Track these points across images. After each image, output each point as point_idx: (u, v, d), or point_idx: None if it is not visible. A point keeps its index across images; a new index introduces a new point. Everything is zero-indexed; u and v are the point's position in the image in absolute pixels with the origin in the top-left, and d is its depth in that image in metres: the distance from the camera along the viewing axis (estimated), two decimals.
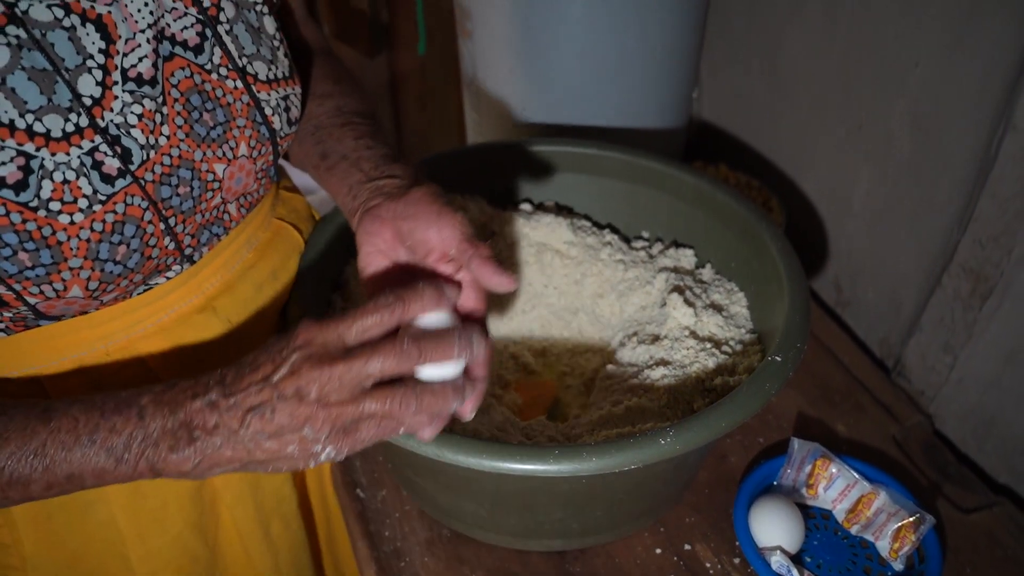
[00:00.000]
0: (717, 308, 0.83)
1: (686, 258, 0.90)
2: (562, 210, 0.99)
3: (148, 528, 0.70)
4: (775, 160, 1.20)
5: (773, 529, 0.75)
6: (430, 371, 0.52)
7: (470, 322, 0.58)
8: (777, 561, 0.73)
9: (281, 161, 0.81)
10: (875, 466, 0.83)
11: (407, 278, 0.59)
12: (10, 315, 0.55)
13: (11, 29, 0.48)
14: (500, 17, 1.05)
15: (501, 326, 0.94)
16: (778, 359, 0.66)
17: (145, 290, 0.63)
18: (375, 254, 0.62)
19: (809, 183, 1.14)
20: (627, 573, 0.76)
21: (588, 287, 0.93)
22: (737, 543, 0.78)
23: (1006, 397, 0.86)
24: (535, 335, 0.95)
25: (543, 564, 0.77)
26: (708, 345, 0.78)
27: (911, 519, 0.75)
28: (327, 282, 0.84)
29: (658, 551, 0.78)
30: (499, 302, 0.93)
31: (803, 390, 0.96)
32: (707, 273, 0.89)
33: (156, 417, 0.49)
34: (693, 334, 0.80)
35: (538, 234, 0.93)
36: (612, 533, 0.78)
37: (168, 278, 0.64)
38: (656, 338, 0.81)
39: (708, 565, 0.77)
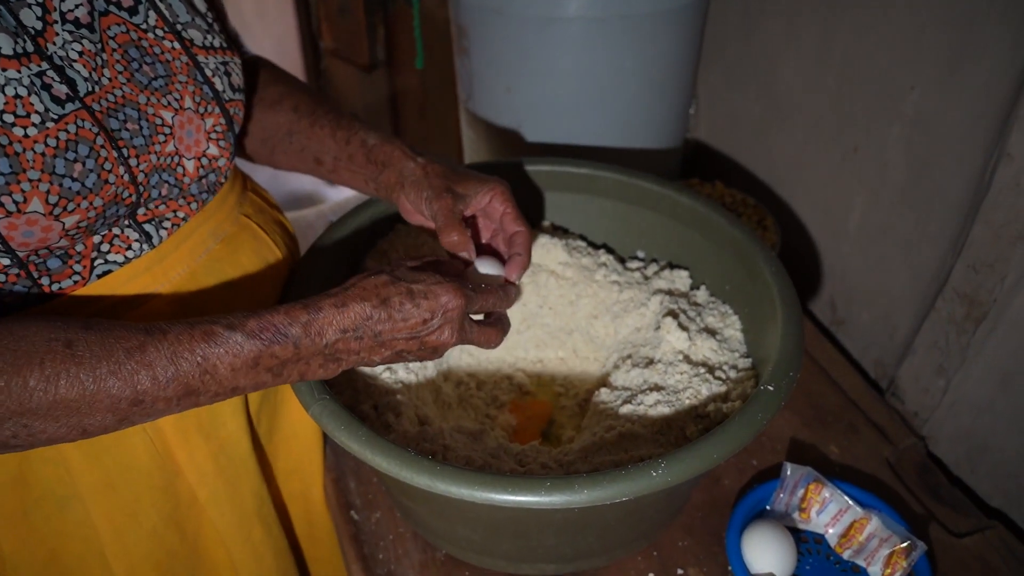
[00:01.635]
0: (711, 332, 0.83)
1: (681, 280, 0.91)
2: (557, 230, 0.99)
3: (123, 523, 0.71)
4: (770, 179, 1.20)
5: (765, 555, 0.76)
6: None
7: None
8: None
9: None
10: (868, 490, 0.83)
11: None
12: None
13: None
14: (496, 36, 1.05)
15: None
16: (771, 388, 0.67)
17: (106, 272, 0.64)
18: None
19: (804, 204, 1.14)
20: None
21: (583, 308, 0.93)
22: (730, 568, 0.78)
23: (999, 421, 0.87)
24: (530, 355, 0.95)
25: None
26: (701, 370, 0.78)
27: (903, 545, 0.75)
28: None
29: (651, 575, 0.78)
30: None
31: (797, 410, 0.96)
32: (701, 295, 0.89)
33: (309, 347, 0.59)
34: (687, 358, 0.80)
35: (533, 255, 0.93)
36: (605, 557, 0.78)
37: (129, 259, 0.65)
38: (650, 361, 0.81)
39: None
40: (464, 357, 0.92)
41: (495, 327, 0.69)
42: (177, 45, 0.66)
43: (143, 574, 0.73)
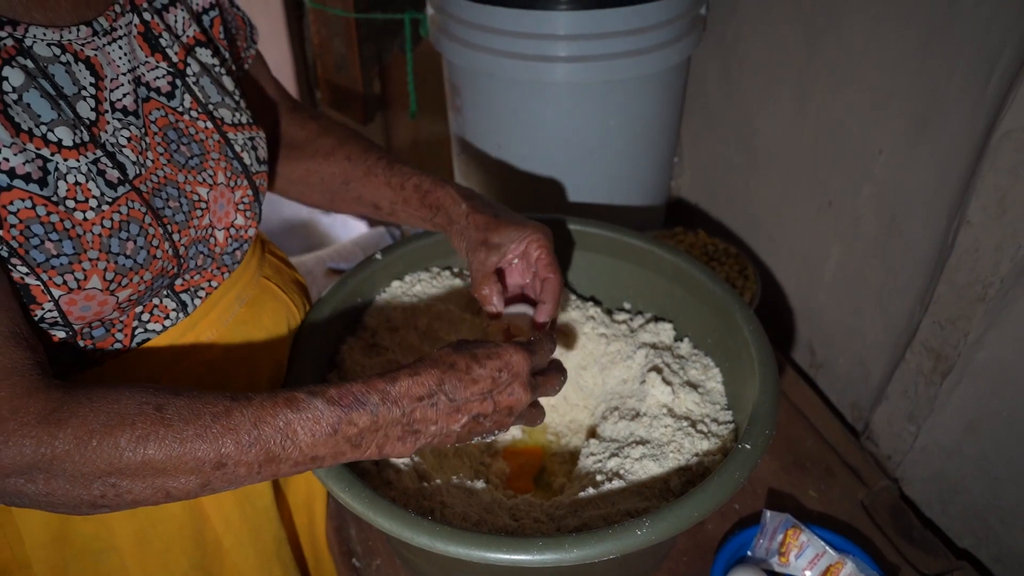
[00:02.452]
0: (693, 385, 0.87)
1: (665, 332, 0.95)
2: None
3: (155, 571, 0.76)
4: (751, 230, 1.26)
5: None
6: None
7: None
8: None
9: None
10: (843, 534, 0.88)
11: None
12: (38, 317, 0.60)
13: (20, 59, 0.57)
14: (488, 97, 1.10)
15: None
16: (748, 447, 0.71)
17: (145, 340, 0.69)
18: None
19: (783, 253, 1.19)
20: None
21: (572, 359, 0.97)
22: None
23: (967, 465, 0.91)
24: None
25: None
26: (684, 424, 0.83)
27: None
28: (324, 359, 0.88)
29: None
30: None
31: (778, 455, 1.01)
32: (685, 348, 0.93)
33: (386, 416, 0.60)
34: (670, 412, 0.84)
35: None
36: None
37: (166, 327, 0.70)
38: (637, 414, 0.86)
39: None
40: None
41: (555, 373, 0.70)
42: (209, 124, 0.72)
43: None
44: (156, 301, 0.69)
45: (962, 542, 0.94)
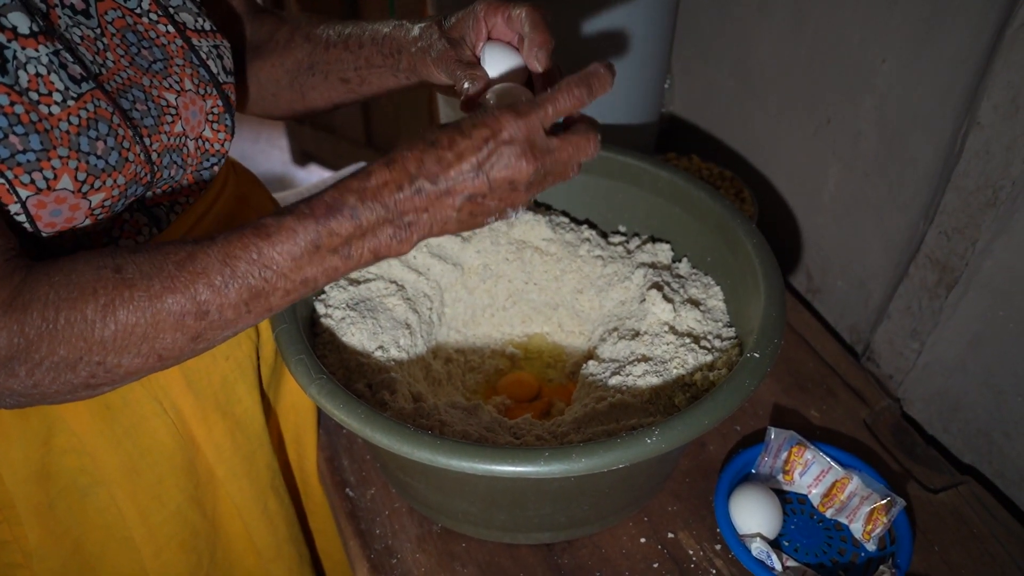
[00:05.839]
0: (695, 303, 0.85)
1: (663, 253, 0.92)
2: (540, 207, 1.00)
3: (148, 505, 0.72)
4: (746, 152, 1.23)
5: (752, 517, 0.78)
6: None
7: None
8: (757, 548, 0.76)
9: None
10: (848, 451, 0.86)
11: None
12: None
13: None
14: None
15: (483, 322, 0.96)
16: (756, 355, 0.69)
17: None
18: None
19: (780, 175, 1.16)
20: (613, 563, 0.79)
21: (568, 283, 0.95)
22: (718, 530, 0.81)
23: (970, 381, 0.90)
24: (516, 331, 0.97)
25: (532, 557, 0.80)
26: (687, 340, 0.80)
27: (883, 502, 0.78)
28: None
29: (642, 540, 0.81)
30: (482, 299, 0.95)
31: (778, 377, 0.99)
32: (684, 267, 0.91)
33: (370, 217, 0.53)
34: (672, 329, 0.82)
35: (517, 232, 0.95)
36: (598, 524, 0.80)
37: (139, 243, 0.66)
38: (636, 334, 0.83)
39: (691, 552, 0.79)
40: (452, 334, 0.94)
41: (582, 132, 0.58)
42: (171, 28, 0.67)
43: (169, 554, 0.75)
44: (127, 216, 0.65)
45: (964, 459, 0.93)
